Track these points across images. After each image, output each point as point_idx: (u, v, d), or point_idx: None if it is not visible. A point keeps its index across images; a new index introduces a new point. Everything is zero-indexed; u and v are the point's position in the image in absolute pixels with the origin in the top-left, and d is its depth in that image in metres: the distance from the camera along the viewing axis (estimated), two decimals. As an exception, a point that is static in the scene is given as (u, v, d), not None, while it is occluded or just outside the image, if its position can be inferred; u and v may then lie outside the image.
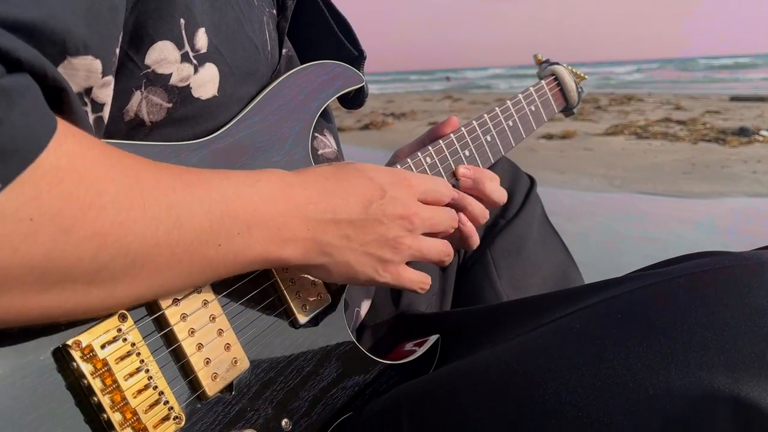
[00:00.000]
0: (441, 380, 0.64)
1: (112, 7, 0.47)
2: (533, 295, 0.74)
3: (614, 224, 3.15)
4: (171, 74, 0.56)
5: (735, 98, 9.60)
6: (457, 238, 0.85)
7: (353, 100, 0.80)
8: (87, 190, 0.39)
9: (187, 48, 0.57)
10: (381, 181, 0.62)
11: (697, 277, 0.53)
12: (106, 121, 0.52)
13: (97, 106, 0.50)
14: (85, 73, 0.46)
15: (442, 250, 0.68)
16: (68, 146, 0.39)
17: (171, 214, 0.45)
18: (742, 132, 5.61)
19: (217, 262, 0.50)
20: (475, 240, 0.83)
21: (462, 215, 0.82)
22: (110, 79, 0.49)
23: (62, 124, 0.39)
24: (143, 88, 0.55)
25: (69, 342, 0.46)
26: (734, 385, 0.46)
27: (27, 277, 0.38)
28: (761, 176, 4.10)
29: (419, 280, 0.67)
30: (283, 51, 0.71)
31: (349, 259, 0.60)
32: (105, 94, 0.50)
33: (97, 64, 0.46)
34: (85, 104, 0.48)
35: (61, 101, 0.40)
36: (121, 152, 0.44)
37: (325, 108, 0.74)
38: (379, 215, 0.61)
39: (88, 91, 0.48)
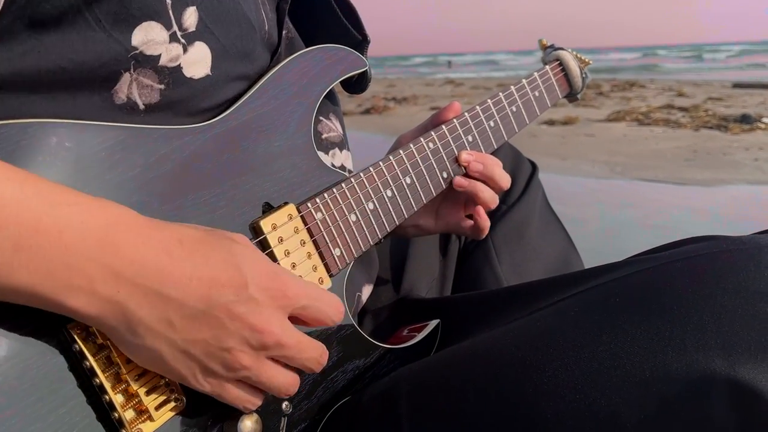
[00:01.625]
0: (440, 364, 0.64)
1: None
2: (533, 280, 0.74)
3: (615, 211, 3.15)
4: (160, 55, 0.56)
5: (737, 85, 9.57)
6: (469, 226, 0.86)
7: (356, 84, 0.79)
8: None
9: (175, 27, 0.56)
10: (249, 273, 0.49)
11: (695, 261, 0.53)
12: None
13: None
14: None
15: (286, 385, 0.53)
16: None
17: None
18: (745, 119, 5.59)
19: None
20: (487, 229, 0.84)
21: (477, 207, 0.83)
22: None
23: None
24: (132, 70, 0.55)
25: (71, 324, 0.46)
26: (731, 368, 0.46)
27: None
28: (763, 164, 4.09)
29: (246, 400, 0.52)
30: (284, 33, 0.71)
31: (162, 350, 0.47)
32: None
33: None
34: None
35: None
36: None
37: (331, 91, 0.74)
38: (222, 314, 0.47)
39: None
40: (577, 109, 6.76)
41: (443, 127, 0.82)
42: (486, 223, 0.85)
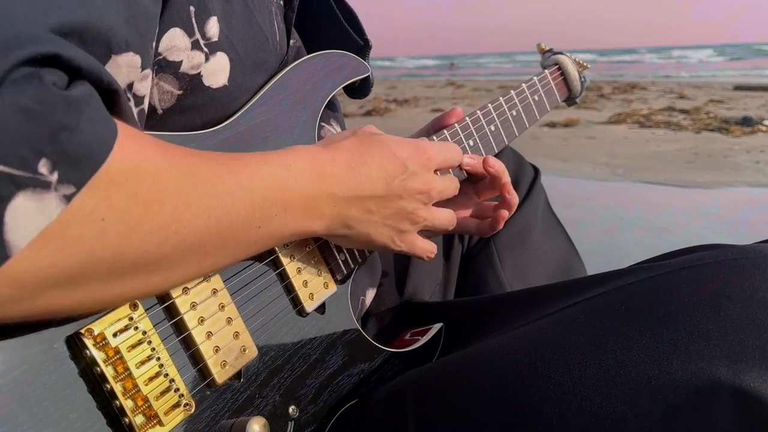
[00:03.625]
0: (447, 368, 0.65)
1: (149, 9, 0.49)
2: (536, 286, 0.74)
3: (616, 213, 3.15)
4: (182, 61, 0.57)
5: (739, 87, 9.57)
6: (475, 225, 0.87)
7: (359, 89, 0.80)
8: (149, 187, 0.41)
9: (198, 36, 0.57)
10: (403, 155, 0.64)
11: (700, 269, 0.53)
12: (146, 112, 0.54)
13: (139, 100, 0.52)
14: (127, 69, 0.47)
15: (450, 219, 0.72)
16: (129, 147, 0.40)
17: (220, 203, 0.47)
18: (746, 121, 5.59)
19: (257, 242, 0.53)
20: (501, 224, 0.85)
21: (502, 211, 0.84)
22: (149, 72, 0.51)
23: (121, 126, 0.40)
24: (154, 74, 0.56)
25: (82, 330, 0.47)
26: (735, 376, 0.47)
27: (100, 271, 0.40)
28: (764, 166, 4.09)
29: (429, 249, 0.72)
30: (291, 42, 0.71)
31: (369, 231, 0.64)
32: (144, 86, 0.51)
33: (137, 60, 0.48)
34: (129, 99, 0.50)
35: (113, 102, 0.42)
36: (172, 146, 0.46)
37: (332, 97, 0.75)
38: (400, 191, 0.64)
39: (130, 86, 0.49)
40: (579, 111, 6.77)
41: (445, 131, 0.83)
42: (503, 221, 0.85)
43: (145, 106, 0.53)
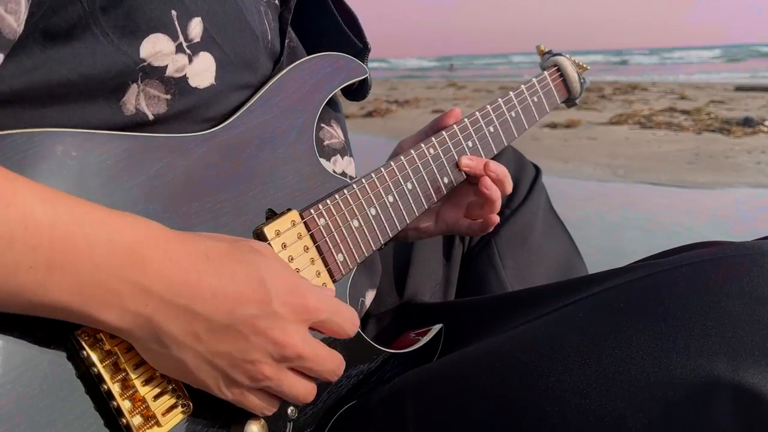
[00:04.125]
0: (445, 368, 0.64)
1: None
2: (536, 285, 0.74)
3: (617, 214, 3.15)
4: (167, 66, 0.56)
5: (740, 88, 9.56)
6: (468, 225, 0.87)
7: (357, 91, 0.80)
8: None
9: (181, 39, 0.57)
10: (273, 288, 0.50)
11: (699, 266, 0.53)
12: None
13: None
14: None
15: (305, 393, 0.55)
16: None
17: None
18: (747, 122, 5.59)
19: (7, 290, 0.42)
20: (494, 223, 0.85)
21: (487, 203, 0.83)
22: None
23: None
24: (139, 81, 0.55)
25: (78, 331, 0.47)
26: (734, 373, 0.47)
27: None
28: (765, 167, 4.09)
29: (265, 407, 0.55)
30: (286, 42, 0.71)
31: (187, 361, 0.48)
32: None
33: None
34: None
35: None
36: None
37: (333, 97, 0.75)
38: (246, 328, 0.49)
39: None
40: (580, 112, 6.77)
41: (443, 132, 0.83)
42: (494, 223, 0.85)
43: None
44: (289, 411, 0.61)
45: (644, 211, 3.18)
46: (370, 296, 0.86)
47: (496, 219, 0.85)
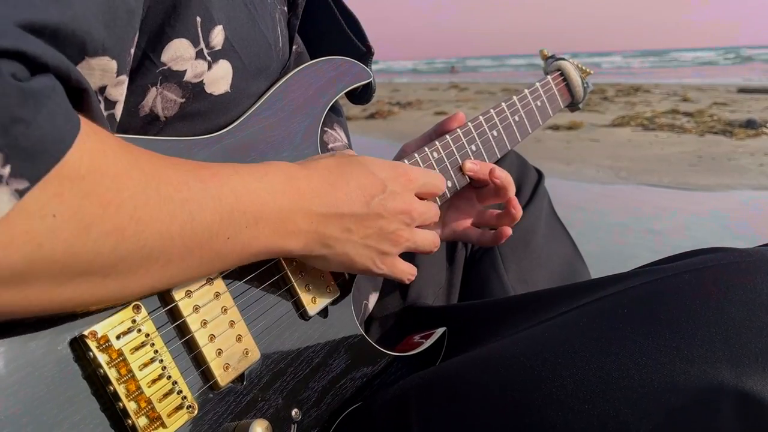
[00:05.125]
0: (449, 371, 0.65)
1: (130, 11, 0.48)
2: (539, 290, 0.75)
3: (620, 216, 3.15)
4: (186, 71, 0.57)
5: (743, 90, 9.55)
6: (477, 234, 0.88)
7: (360, 95, 0.80)
8: (107, 187, 0.40)
9: (202, 45, 0.57)
10: (382, 175, 0.63)
11: (703, 272, 0.54)
12: (118, 118, 0.53)
13: (110, 104, 0.51)
14: (101, 72, 0.47)
15: (433, 241, 0.71)
16: (90, 145, 0.40)
17: (185, 209, 0.46)
18: (750, 124, 5.59)
19: (226, 254, 0.51)
20: (505, 236, 0.86)
21: (502, 213, 0.86)
22: (124, 78, 0.50)
23: (85, 124, 0.40)
24: (159, 84, 0.56)
25: (85, 332, 0.47)
26: (738, 379, 0.47)
27: (49, 271, 0.39)
28: (768, 169, 4.09)
29: (409, 272, 0.70)
30: (294, 47, 0.72)
31: (348, 251, 0.61)
32: (118, 92, 0.51)
33: (113, 65, 0.47)
34: (99, 102, 0.49)
35: (81, 100, 0.41)
36: (139, 149, 0.45)
37: (335, 102, 0.75)
38: (380, 210, 0.62)
39: (102, 89, 0.49)
40: (582, 114, 6.76)
41: (447, 136, 0.83)
42: (508, 231, 0.86)
43: (117, 112, 0.52)
44: (293, 413, 0.61)
45: (647, 214, 3.18)
46: (373, 299, 0.86)
47: (509, 231, 0.85)
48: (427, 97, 10.98)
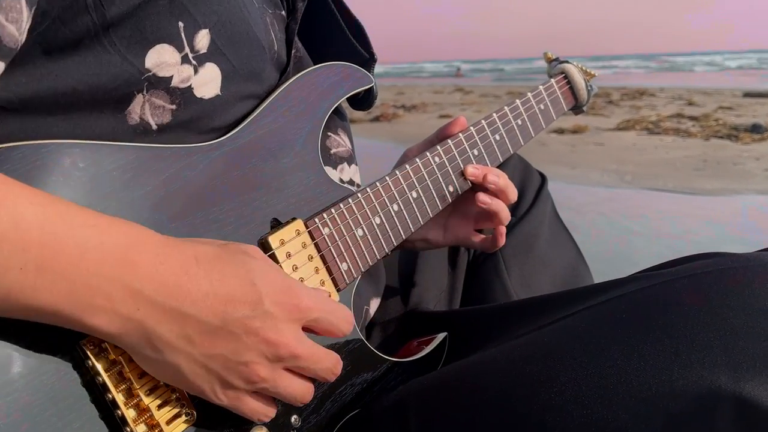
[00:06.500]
0: (448, 377, 0.65)
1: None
2: (539, 295, 0.74)
3: (624, 220, 3.14)
4: (172, 76, 0.57)
5: (748, 94, 9.52)
6: (480, 240, 0.87)
7: (362, 101, 0.80)
8: None
9: (187, 50, 0.57)
10: (263, 288, 0.50)
11: (701, 278, 0.53)
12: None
13: None
14: None
15: (302, 394, 0.55)
16: None
17: None
18: (755, 128, 5.57)
19: None
20: (503, 240, 0.86)
21: (497, 222, 0.85)
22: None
23: None
24: (145, 91, 0.56)
25: (84, 340, 0.47)
26: (736, 385, 0.47)
27: None
28: (773, 173, 4.08)
29: (262, 413, 0.54)
30: (293, 52, 0.72)
31: (181, 365, 0.48)
32: None
33: None
34: None
35: None
36: None
37: (339, 106, 0.75)
38: (238, 329, 0.49)
39: None
40: (587, 117, 6.76)
41: (449, 141, 0.83)
42: (503, 238, 0.86)
43: None
44: (292, 420, 0.61)
45: (651, 218, 3.18)
46: (374, 304, 0.86)
47: (503, 231, 0.85)
48: (432, 99, 10.98)
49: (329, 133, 0.76)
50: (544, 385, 0.54)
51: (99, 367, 0.47)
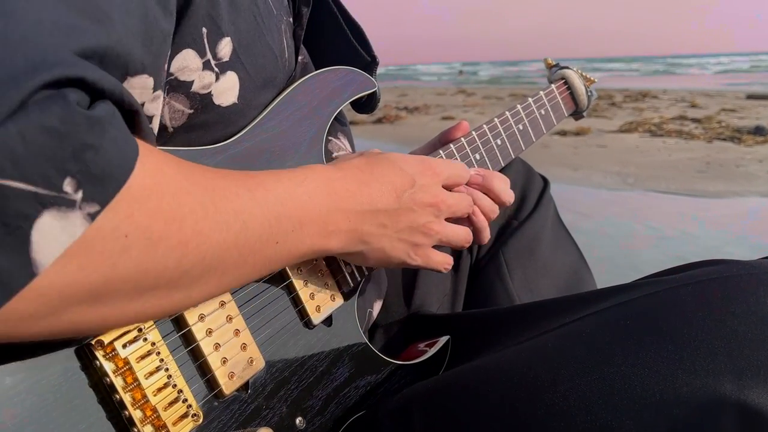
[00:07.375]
0: (453, 380, 0.65)
1: (164, 31, 0.50)
2: (543, 300, 0.75)
3: (627, 222, 3.14)
4: (193, 81, 0.58)
5: (751, 96, 9.51)
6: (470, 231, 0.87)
7: (365, 104, 0.81)
8: (169, 203, 0.42)
9: (209, 56, 0.58)
10: (410, 170, 0.66)
11: (705, 285, 0.54)
12: (156, 131, 0.55)
13: (148, 119, 0.52)
14: (140, 90, 0.48)
15: (464, 236, 0.73)
16: (149, 165, 0.41)
17: (238, 219, 0.48)
18: (758, 131, 5.56)
19: (275, 258, 0.54)
20: (486, 234, 0.84)
21: (475, 208, 0.83)
22: (160, 93, 0.52)
23: (141, 145, 0.41)
24: (166, 94, 0.57)
25: (92, 341, 0.47)
26: (740, 392, 0.47)
27: (123, 288, 0.41)
28: (776, 175, 4.07)
29: (445, 261, 0.72)
30: (299, 58, 0.73)
31: (384, 246, 0.65)
32: (155, 107, 0.52)
33: (150, 81, 0.48)
34: (148, 121, 0.51)
35: (133, 121, 0.43)
36: (188, 163, 0.47)
37: (338, 112, 0.76)
38: (410, 203, 0.65)
39: (141, 105, 0.50)
40: (589, 119, 6.75)
41: (451, 145, 0.83)
42: (484, 230, 0.83)
43: (155, 125, 0.54)
44: (297, 421, 0.62)
45: (654, 220, 3.17)
46: (377, 307, 0.86)
47: (483, 224, 0.83)
48: (435, 101, 10.98)
49: (330, 138, 0.76)
50: (548, 390, 0.54)
51: (107, 367, 0.48)
